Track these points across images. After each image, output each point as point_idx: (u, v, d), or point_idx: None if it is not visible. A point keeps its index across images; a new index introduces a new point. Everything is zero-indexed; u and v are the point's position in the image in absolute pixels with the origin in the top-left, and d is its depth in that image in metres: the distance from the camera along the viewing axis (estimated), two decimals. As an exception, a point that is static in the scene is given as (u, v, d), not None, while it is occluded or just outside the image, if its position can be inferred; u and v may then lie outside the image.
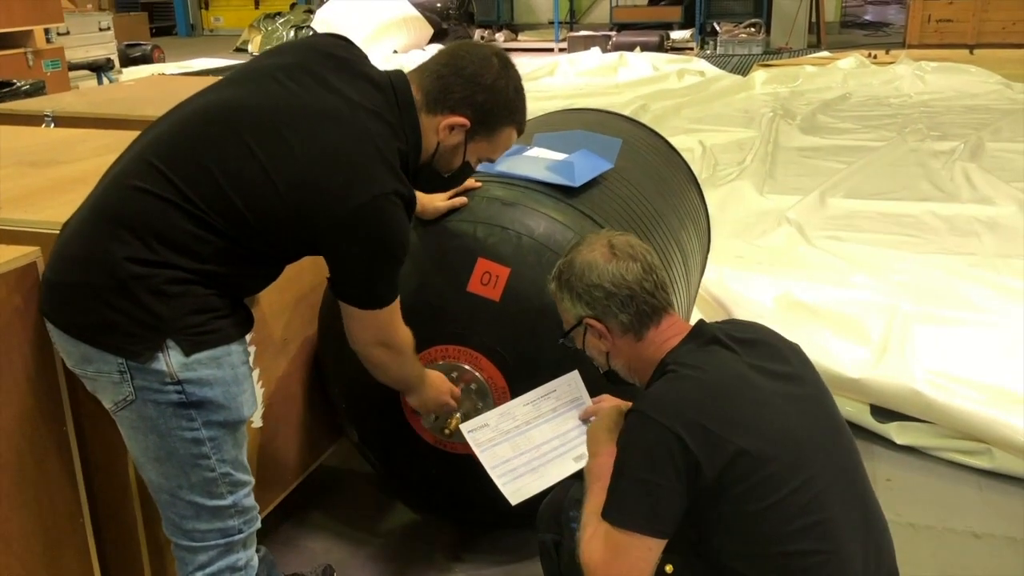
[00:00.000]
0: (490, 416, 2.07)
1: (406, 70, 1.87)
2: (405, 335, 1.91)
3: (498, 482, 1.98)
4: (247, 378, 1.73)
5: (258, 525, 1.83)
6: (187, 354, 1.60)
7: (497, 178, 2.37)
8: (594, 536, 1.54)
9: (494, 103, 1.83)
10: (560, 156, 2.50)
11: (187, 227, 1.60)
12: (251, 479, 1.79)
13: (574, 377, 2.10)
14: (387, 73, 1.83)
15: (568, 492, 1.83)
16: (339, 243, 1.68)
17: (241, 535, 1.79)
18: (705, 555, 1.54)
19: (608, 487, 1.55)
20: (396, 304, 1.82)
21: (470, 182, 2.26)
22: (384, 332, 1.85)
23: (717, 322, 1.77)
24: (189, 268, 1.60)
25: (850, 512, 1.56)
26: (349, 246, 1.68)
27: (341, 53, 1.80)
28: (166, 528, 1.78)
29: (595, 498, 1.60)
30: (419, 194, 1.95)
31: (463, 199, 2.25)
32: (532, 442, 2.05)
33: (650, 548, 1.49)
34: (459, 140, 1.84)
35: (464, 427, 2.06)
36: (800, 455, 1.53)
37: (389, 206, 1.66)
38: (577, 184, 2.37)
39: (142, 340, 1.59)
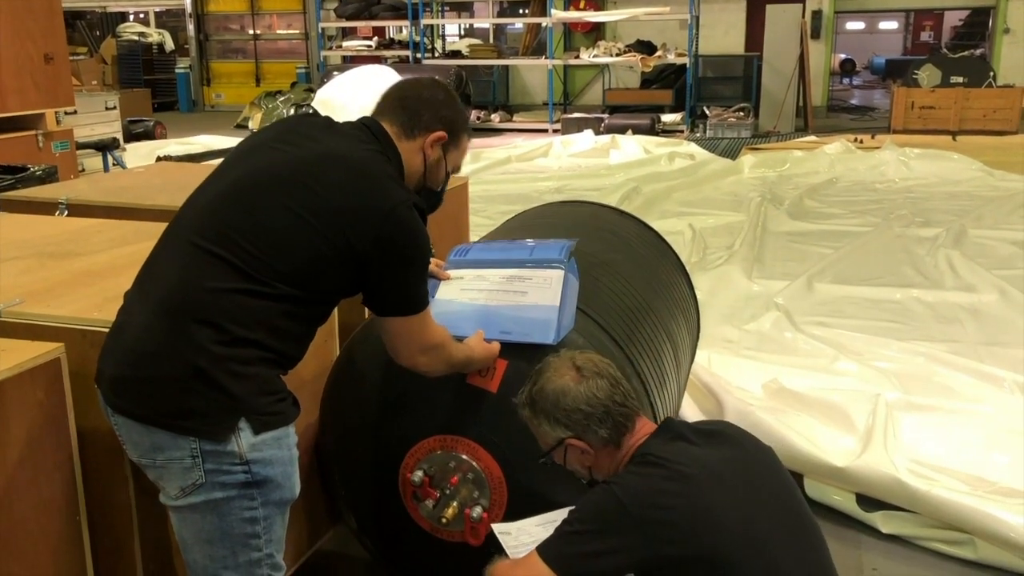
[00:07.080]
0: (512, 526, 2.13)
1: None
2: (440, 333, 2.07)
3: None
4: (297, 459, 1.87)
5: None
6: (256, 433, 1.75)
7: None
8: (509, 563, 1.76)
9: (456, 116, 2.08)
10: (544, 305, 2.35)
11: (255, 304, 1.75)
12: (284, 566, 1.90)
13: None
14: (354, 122, 2.04)
15: None
16: (379, 256, 1.84)
17: None
18: None
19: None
20: (428, 309, 2.00)
21: (444, 273, 2.50)
22: (423, 337, 2.01)
23: (682, 421, 1.95)
24: (260, 342, 1.75)
25: None
26: (388, 257, 1.85)
27: (312, 119, 2.04)
28: None
29: None
30: None
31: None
32: None
33: None
34: (440, 154, 2.06)
35: (495, 527, 2.13)
36: (757, 548, 1.64)
37: (410, 213, 1.86)
38: (553, 342, 2.24)
39: (219, 422, 1.73)
